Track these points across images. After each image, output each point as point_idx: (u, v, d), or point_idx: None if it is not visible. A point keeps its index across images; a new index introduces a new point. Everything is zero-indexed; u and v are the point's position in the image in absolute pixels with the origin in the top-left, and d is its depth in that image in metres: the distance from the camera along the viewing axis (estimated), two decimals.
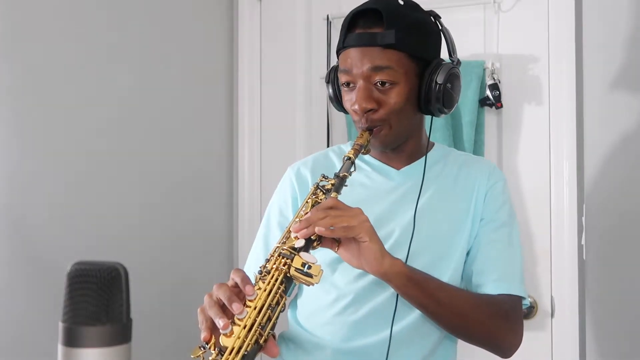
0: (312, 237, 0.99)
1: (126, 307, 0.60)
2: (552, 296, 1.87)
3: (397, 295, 1.11)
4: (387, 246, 1.14)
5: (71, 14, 1.66)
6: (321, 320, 1.19)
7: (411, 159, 1.24)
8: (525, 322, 1.88)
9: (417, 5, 1.17)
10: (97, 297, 0.58)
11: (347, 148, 1.30)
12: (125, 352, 0.60)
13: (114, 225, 1.75)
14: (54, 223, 1.60)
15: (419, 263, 1.12)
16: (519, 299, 1.18)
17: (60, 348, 0.59)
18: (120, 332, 0.59)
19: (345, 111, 1.22)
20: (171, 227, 1.96)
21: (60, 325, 0.59)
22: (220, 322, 0.89)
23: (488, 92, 1.87)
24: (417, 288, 1.07)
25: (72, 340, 0.58)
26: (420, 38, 1.14)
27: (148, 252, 1.86)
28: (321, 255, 1.10)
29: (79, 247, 1.64)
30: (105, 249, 1.70)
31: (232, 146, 2.24)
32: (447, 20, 1.20)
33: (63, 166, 1.64)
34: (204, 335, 0.92)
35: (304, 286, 1.24)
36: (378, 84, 1.12)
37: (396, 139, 1.18)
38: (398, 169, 1.24)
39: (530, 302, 1.87)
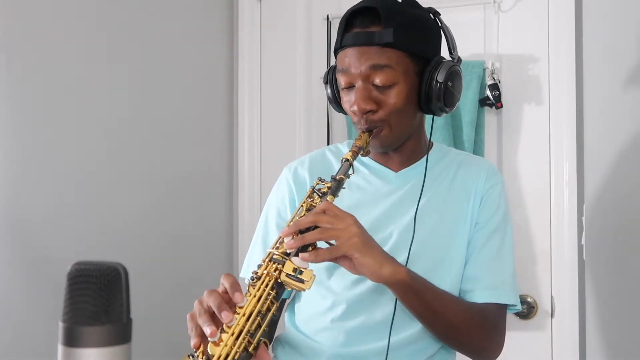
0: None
1: (126, 307, 0.60)
2: (552, 296, 1.87)
3: (395, 304, 1.10)
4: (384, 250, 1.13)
5: (71, 13, 1.66)
6: (319, 325, 1.17)
7: (410, 160, 1.22)
8: (525, 322, 1.89)
9: (415, 3, 1.15)
10: (97, 297, 0.58)
11: (344, 147, 1.28)
12: (125, 352, 0.60)
13: (114, 225, 1.75)
14: (54, 223, 1.60)
15: (418, 267, 1.09)
16: (507, 307, 1.17)
17: (60, 348, 0.59)
18: (120, 332, 0.59)
19: (344, 112, 1.19)
20: (171, 227, 1.96)
21: (60, 325, 0.59)
22: (207, 330, 0.86)
23: (488, 92, 1.87)
24: (416, 297, 1.05)
25: (72, 340, 0.58)
26: (419, 36, 1.11)
27: (148, 252, 1.85)
28: None
29: (79, 247, 1.63)
30: (105, 249, 1.70)
31: (232, 146, 2.24)
32: (447, 21, 1.19)
33: (63, 166, 1.64)
34: (193, 342, 0.90)
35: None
36: (377, 83, 1.09)
37: (397, 139, 1.16)
38: (396, 170, 1.22)
39: (530, 302, 1.87)
